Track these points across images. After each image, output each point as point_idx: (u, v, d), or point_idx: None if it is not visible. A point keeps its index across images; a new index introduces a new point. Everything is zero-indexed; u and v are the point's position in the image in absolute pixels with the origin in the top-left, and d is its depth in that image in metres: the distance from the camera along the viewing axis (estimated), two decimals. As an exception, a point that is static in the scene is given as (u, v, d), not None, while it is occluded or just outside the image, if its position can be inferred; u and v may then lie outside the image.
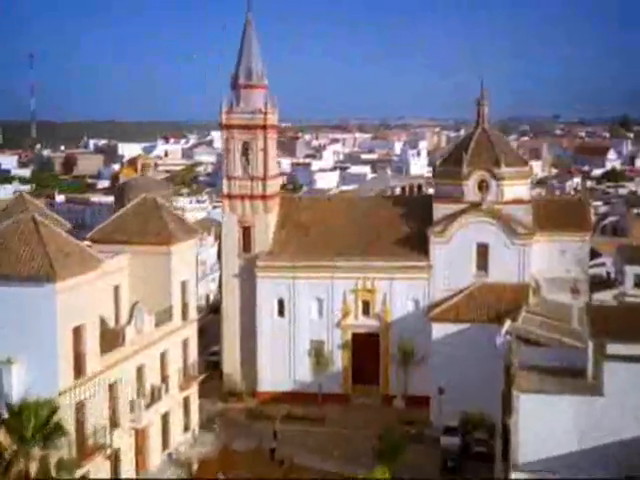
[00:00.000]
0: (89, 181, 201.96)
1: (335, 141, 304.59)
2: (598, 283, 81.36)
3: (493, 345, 56.41)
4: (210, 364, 78.16)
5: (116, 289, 59.21)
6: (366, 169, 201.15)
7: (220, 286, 77.12)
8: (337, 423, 67.72)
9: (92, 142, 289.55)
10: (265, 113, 72.62)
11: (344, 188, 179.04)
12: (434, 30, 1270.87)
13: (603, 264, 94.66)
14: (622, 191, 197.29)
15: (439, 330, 66.66)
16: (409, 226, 72.93)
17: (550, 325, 62.61)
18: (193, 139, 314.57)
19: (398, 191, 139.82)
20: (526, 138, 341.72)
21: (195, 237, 64.23)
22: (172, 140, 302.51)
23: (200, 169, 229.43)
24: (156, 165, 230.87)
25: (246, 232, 72.86)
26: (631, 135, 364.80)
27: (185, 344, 62.50)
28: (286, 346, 71.94)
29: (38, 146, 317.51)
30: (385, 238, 72.31)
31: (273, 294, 71.74)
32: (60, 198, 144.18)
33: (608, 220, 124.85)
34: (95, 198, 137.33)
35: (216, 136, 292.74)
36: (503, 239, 69.71)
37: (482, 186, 71.03)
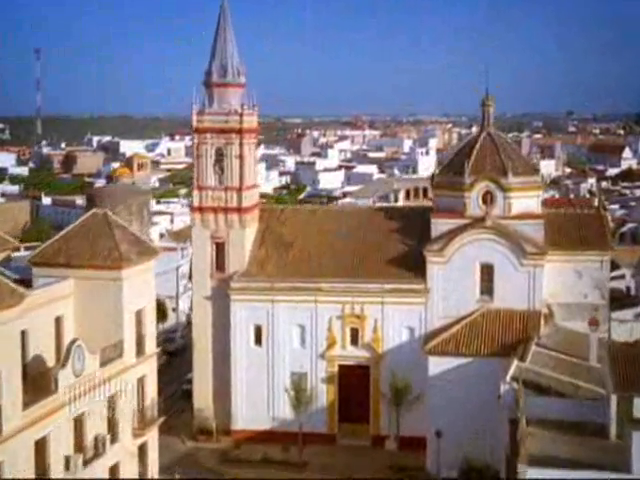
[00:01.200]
0: (87, 180, 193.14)
1: (343, 138, 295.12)
2: (617, 299, 72.08)
3: (497, 394, 47.31)
4: (185, 393, 69.53)
5: (58, 321, 50.31)
6: (372, 168, 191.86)
7: (192, 309, 68.06)
8: (321, 468, 58.85)
9: (95, 139, 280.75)
10: (241, 115, 63.45)
11: (348, 189, 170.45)
12: (446, 25, 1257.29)
13: (622, 277, 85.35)
14: (639, 192, 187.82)
15: (437, 364, 57.59)
16: (404, 243, 63.75)
17: (565, 363, 53.55)
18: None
19: (402, 194, 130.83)
20: (539, 135, 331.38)
21: (153, 258, 55.12)
22: (178, 137, 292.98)
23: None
24: (158, 163, 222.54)
25: (219, 249, 63.85)
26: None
27: (141, 383, 53.38)
28: (264, 379, 62.86)
29: (43, 142, 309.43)
30: (377, 257, 63.18)
31: (249, 320, 62.73)
32: (46, 200, 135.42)
33: (627, 227, 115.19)
34: (80, 200, 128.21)
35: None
36: (510, 259, 60.48)
37: (487, 198, 61.80)
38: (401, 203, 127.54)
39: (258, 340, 62.93)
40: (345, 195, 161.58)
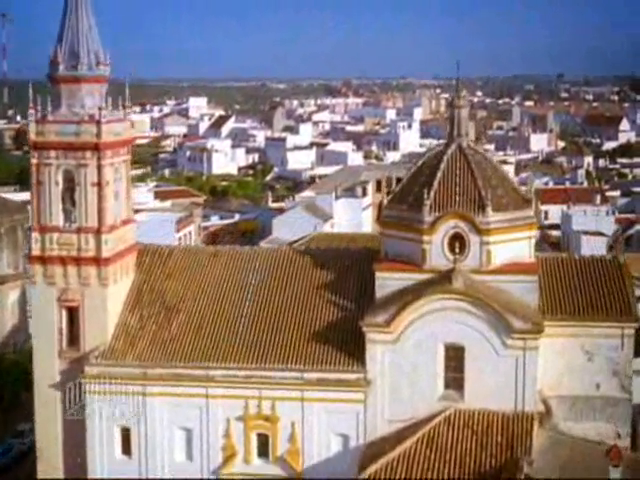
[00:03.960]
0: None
1: (324, 108, 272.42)
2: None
3: None
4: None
5: None
6: (348, 146, 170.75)
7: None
8: None
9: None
10: (99, 123, 42.65)
11: (320, 170, 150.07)
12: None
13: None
14: (639, 171, 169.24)
15: (376, 502, 37.75)
16: (338, 306, 43.46)
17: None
18: (171, 105, 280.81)
19: (372, 186, 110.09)
20: (530, 103, 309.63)
21: None
22: (148, 106, 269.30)
23: (168, 142, 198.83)
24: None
25: (71, 317, 43.44)
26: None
27: None
28: (135, 504, 42.82)
29: (10, 112, 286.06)
30: (297, 328, 42.79)
31: (113, 420, 42.32)
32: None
33: (635, 229, 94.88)
34: (6, 194, 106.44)
35: (193, 103, 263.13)
36: (489, 338, 40.22)
37: (455, 244, 41.38)
38: (370, 198, 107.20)
39: (126, 449, 42.71)
40: (313, 180, 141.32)
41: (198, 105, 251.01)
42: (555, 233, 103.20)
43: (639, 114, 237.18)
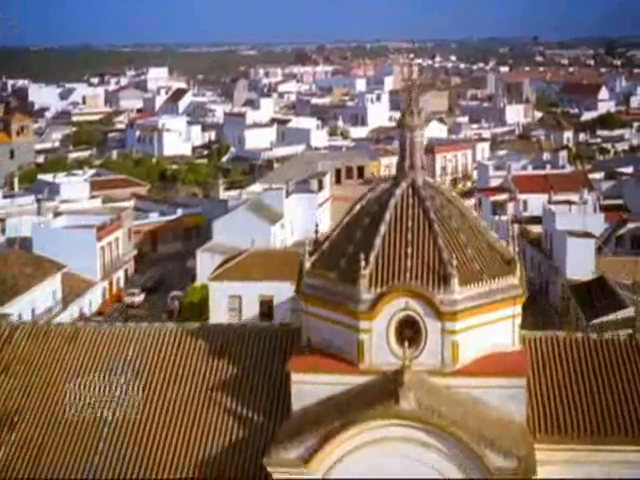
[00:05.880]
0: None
1: (291, 77, 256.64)
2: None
3: None
4: None
5: None
6: (311, 122, 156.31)
7: None
8: None
9: (10, 82, 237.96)
10: None
11: (280, 151, 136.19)
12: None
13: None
14: (620, 146, 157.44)
15: None
16: (241, 423, 29.78)
17: None
18: (130, 76, 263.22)
19: (330, 177, 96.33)
20: (505, 69, 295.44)
21: None
22: (107, 77, 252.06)
23: (121, 118, 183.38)
24: (68, 115, 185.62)
25: None
26: (618, 62, 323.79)
27: None
28: None
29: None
30: (177, 461, 29.05)
31: None
32: None
33: (626, 228, 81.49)
34: None
35: (152, 74, 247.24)
36: (456, 482, 26.85)
37: (406, 333, 27.81)
38: (327, 192, 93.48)
39: None
40: (271, 163, 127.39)
41: (157, 76, 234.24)
42: (536, 228, 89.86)
43: (618, 82, 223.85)
